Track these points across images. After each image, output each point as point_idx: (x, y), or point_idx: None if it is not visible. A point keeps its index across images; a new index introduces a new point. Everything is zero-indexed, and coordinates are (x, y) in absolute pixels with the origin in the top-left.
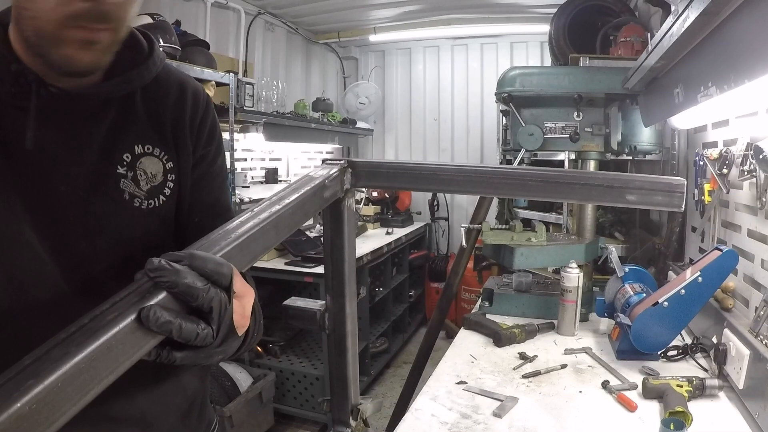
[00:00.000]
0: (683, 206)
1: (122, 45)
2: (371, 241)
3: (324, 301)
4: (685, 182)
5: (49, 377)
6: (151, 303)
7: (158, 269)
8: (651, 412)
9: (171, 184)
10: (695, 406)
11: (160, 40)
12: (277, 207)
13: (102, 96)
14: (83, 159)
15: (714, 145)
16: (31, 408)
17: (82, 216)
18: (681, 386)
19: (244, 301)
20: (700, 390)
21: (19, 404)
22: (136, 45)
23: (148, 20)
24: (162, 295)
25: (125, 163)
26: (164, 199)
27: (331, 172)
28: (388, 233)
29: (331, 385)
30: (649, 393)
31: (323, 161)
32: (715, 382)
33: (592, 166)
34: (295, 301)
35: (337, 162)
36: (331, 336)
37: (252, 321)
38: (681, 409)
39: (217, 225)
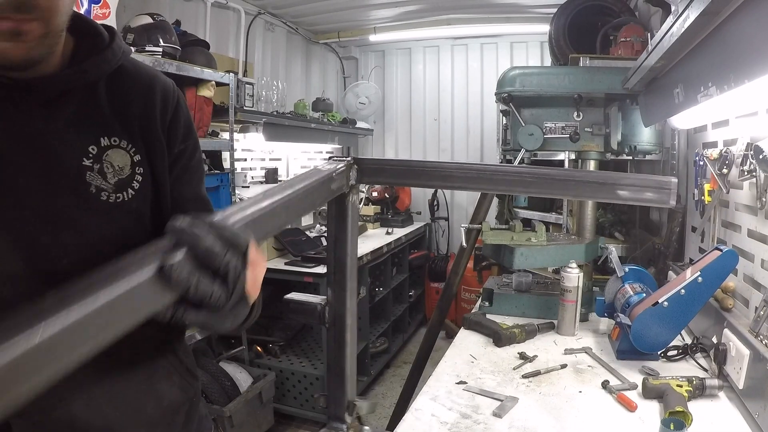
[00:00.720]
0: (673, 202)
1: (82, 36)
2: (371, 240)
3: (325, 296)
4: (675, 180)
5: (66, 316)
6: (173, 260)
7: (181, 229)
8: (651, 412)
9: (140, 178)
10: (695, 406)
11: (161, 40)
12: (289, 191)
13: (57, 86)
14: (41, 151)
15: (714, 145)
16: (46, 346)
17: (43, 209)
18: (681, 386)
19: (256, 270)
20: (700, 390)
21: (36, 341)
22: (96, 36)
23: (148, 20)
24: (182, 254)
25: (91, 155)
26: (133, 192)
27: (338, 167)
28: (388, 233)
29: (328, 381)
30: (649, 393)
31: (330, 157)
32: (715, 382)
33: (592, 166)
34: (296, 296)
35: (344, 159)
36: (330, 330)
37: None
38: (681, 409)
39: None
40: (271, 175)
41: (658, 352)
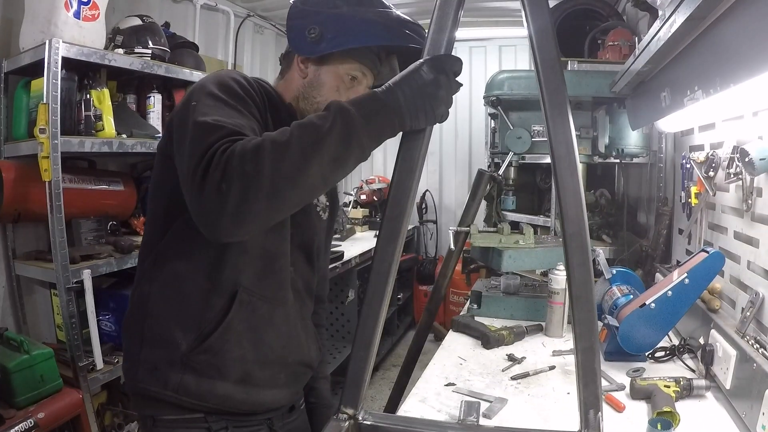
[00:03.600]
0: None
1: None
2: (360, 243)
3: None
4: None
5: None
6: None
7: None
8: (639, 412)
9: (327, 212)
10: (683, 407)
11: (150, 42)
12: None
13: None
14: None
15: (701, 148)
16: None
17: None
18: (668, 387)
19: None
20: (687, 390)
21: None
22: None
23: (138, 22)
24: None
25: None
26: (326, 217)
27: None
28: (376, 236)
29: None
30: (637, 393)
31: None
32: (703, 382)
33: (579, 169)
34: None
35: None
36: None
37: None
38: (668, 410)
39: None
40: None
41: (646, 354)
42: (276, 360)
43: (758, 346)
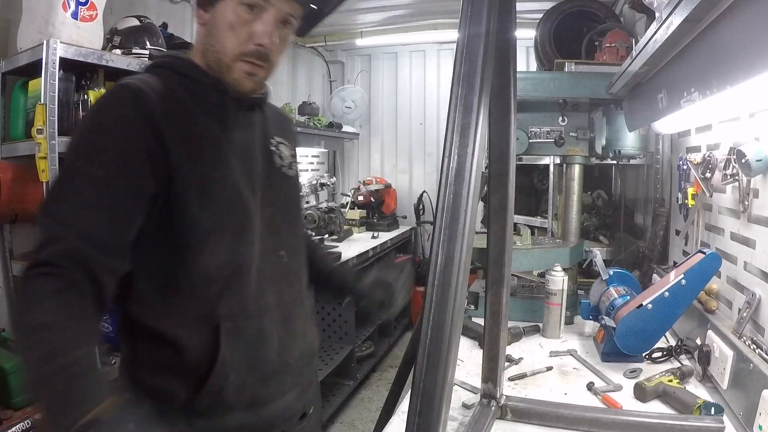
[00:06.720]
0: None
1: None
2: (357, 245)
3: None
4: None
5: None
6: None
7: None
8: None
9: (294, 165)
10: None
11: (147, 43)
12: None
13: (254, 102)
14: (255, 136)
15: (697, 149)
16: None
17: (260, 170)
18: (671, 381)
19: None
20: (684, 376)
21: None
22: None
23: (135, 23)
24: None
25: (273, 144)
26: (295, 172)
27: None
28: (373, 237)
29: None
30: (649, 395)
31: None
32: (690, 366)
33: (576, 170)
34: None
35: None
36: None
37: None
38: (702, 401)
39: None
40: None
41: (643, 354)
42: (277, 369)
43: (755, 347)
